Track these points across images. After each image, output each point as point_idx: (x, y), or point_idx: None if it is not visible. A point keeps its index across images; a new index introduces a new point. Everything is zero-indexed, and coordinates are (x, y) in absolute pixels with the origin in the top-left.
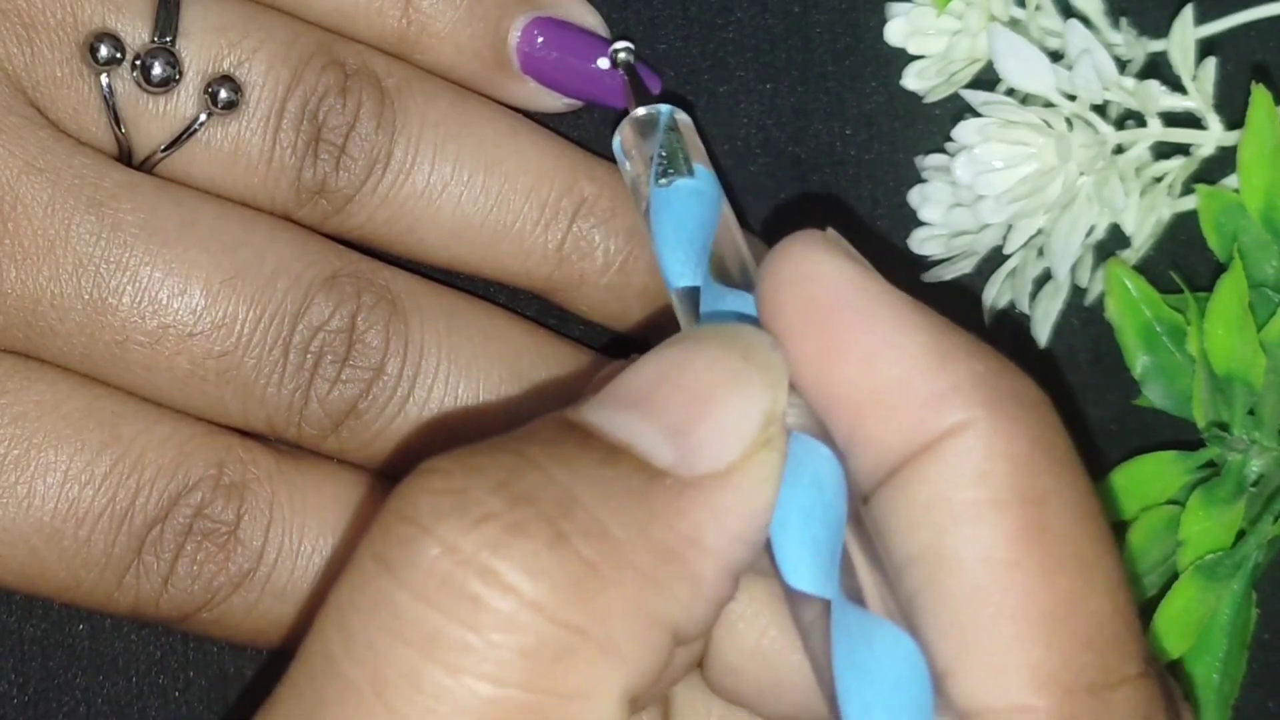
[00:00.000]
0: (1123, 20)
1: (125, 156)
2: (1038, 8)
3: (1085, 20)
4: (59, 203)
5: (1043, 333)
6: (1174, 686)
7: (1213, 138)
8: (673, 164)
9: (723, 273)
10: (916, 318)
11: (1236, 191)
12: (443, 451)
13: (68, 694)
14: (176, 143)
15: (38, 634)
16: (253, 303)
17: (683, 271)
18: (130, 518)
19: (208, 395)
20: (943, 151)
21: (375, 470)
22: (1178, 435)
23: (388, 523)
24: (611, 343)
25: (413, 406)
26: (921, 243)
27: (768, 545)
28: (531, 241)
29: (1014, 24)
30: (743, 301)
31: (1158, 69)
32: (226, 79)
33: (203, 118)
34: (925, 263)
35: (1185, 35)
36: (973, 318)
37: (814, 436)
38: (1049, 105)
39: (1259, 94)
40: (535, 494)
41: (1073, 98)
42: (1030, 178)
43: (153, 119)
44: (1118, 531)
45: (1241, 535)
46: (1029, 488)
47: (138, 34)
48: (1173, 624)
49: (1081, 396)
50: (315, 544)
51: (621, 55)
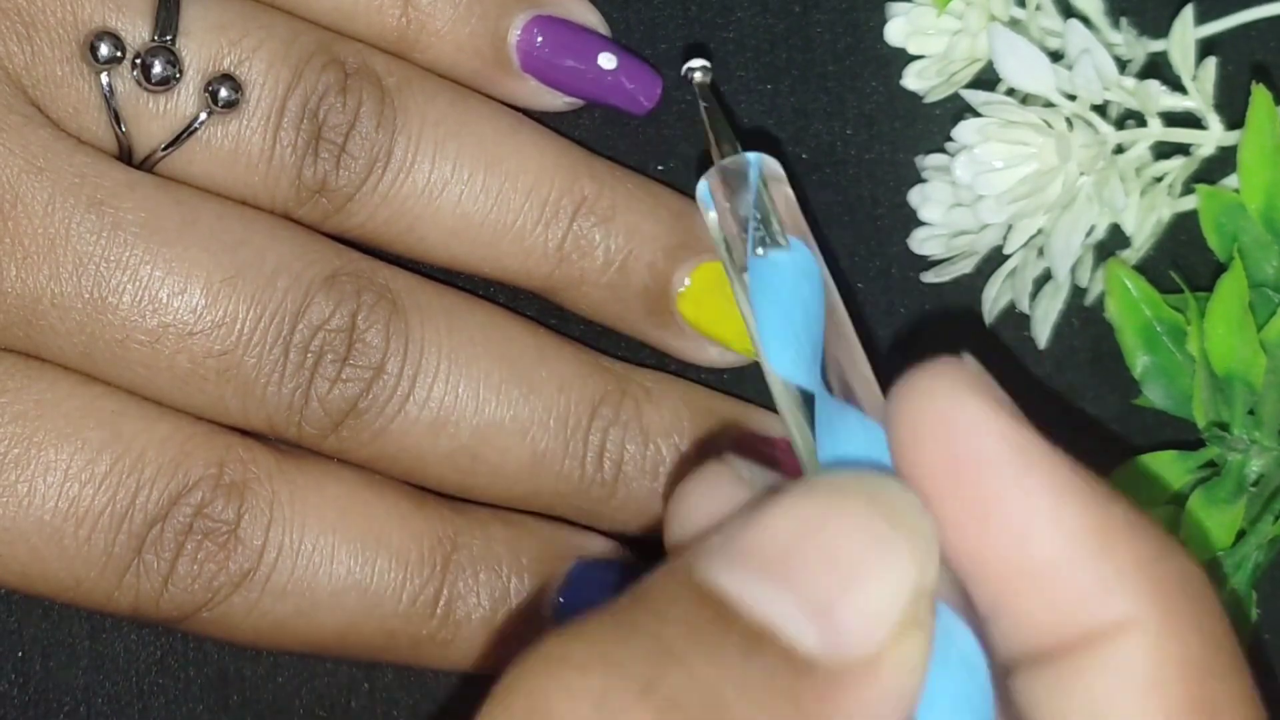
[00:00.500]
0: (1123, 20)
1: (125, 155)
2: (1038, 8)
3: (1085, 20)
4: (59, 201)
5: (1043, 333)
6: None
7: (1213, 138)
8: (769, 231)
9: (836, 377)
10: (1076, 483)
11: (1236, 191)
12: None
13: (68, 694)
14: (177, 141)
15: (38, 634)
16: (253, 302)
17: (792, 369)
18: (130, 517)
19: (208, 394)
20: (943, 151)
21: (375, 469)
22: (1178, 435)
23: (514, 715)
24: (611, 342)
25: (413, 406)
26: (921, 243)
27: None
28: (532, 240)
29: (1014, 24)
30: (868, 432)
31: (1158, 69)
32: (227, 78)
33: (203, 116)
34: (925, 263)
35: (1185, 35)
36: (973, 318)
37: (955, 604)
38: (1049, 105)
39: (1259, 94)
40: (683, 699)
41: (1073, 98)
42: (1030, 178)
43: (153, 118)
44: None
45: (1241, 535)
46: (1203, 697)
47: (138, 33)
48: None
49: (1081, 396)
50: (316, 543)
51: (698, 76)
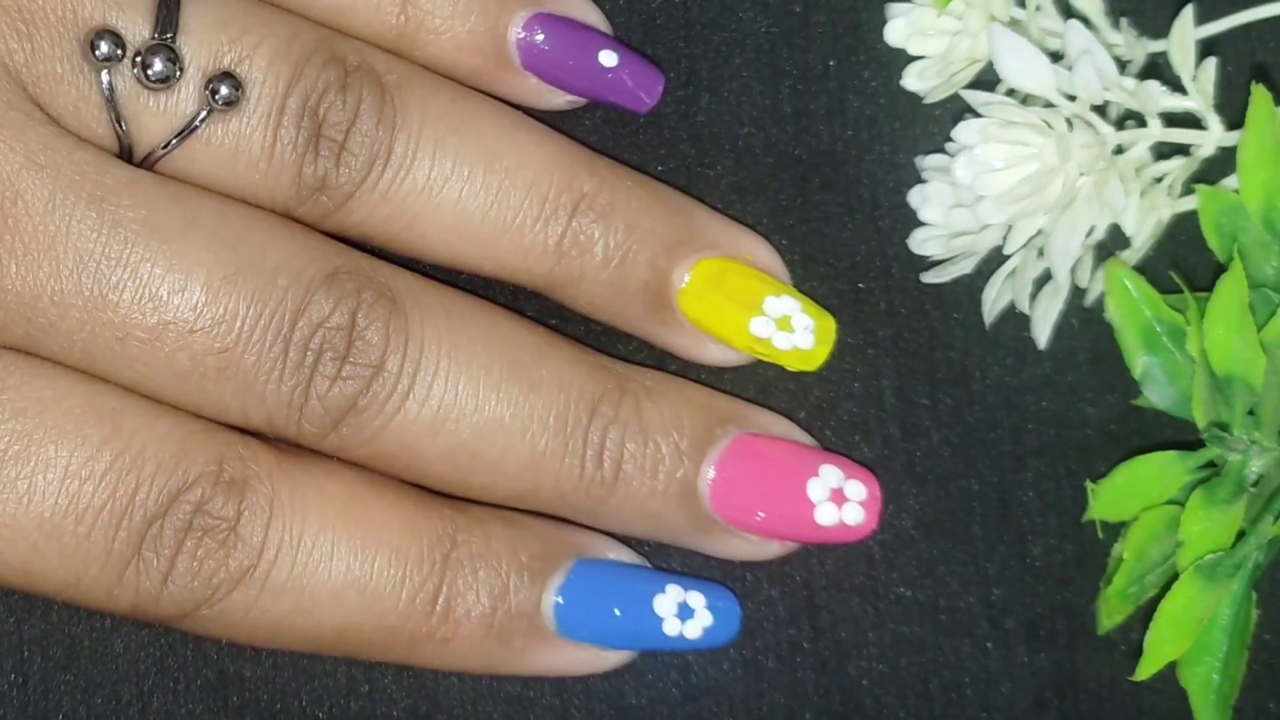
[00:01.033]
0: (1123, 20)
1: (126, 153)
2: (1038, 8)
3: (1085, 20)
4: (59, 199)
5: (1043, 333)
6: None
7: (1213, 138)
8: None
9: None
10: None
11: (1236, 191)
12: (442, 450)
13: (68, 694)
14: (177, 139)
15: (37, 633)
16: (253, 299)
17: None
18: (130, 514)
19: (208, 392)
20: (943, 152)
21: (375, 467)
22: (1178, 435)
23: None
24: (611, 342)
25: (413, 404)
26: (921, 243)
27: None
28: (531, 237)
29: (1014, 24)
30: None
31: (1158, 69)
32: (227, 76)
33: (203, 114)
34: (925, 263)
35: (1185, 35)
36: (973, 318)
37: None
38: (1049, 106)
39: (1259, 94)
40: None
41: (1073, 98)
42: (1030, 178)
43: (153, 116)
44: (1117, 532)
45: (1241, 535)
46: None
47: (138, 31)
48: (1173, 624)
49: (1081, 396)
50: (315, 541)
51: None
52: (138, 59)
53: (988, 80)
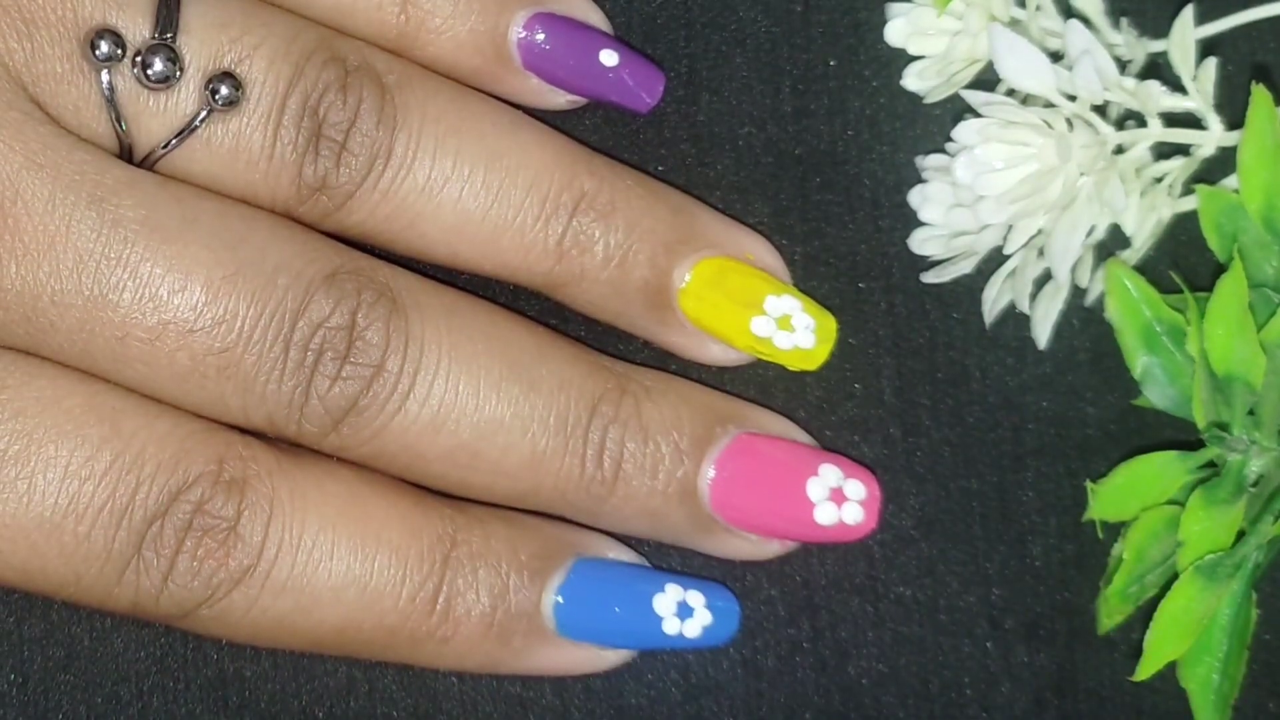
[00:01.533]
0: (1123, 20)
1: (126, 153)
2: (1038, 8)
3: (1085, 20)
4: (59, 199)
5: (1043, 333)
6: None
7: (1213, 138)
8: None
9: None
10: None
11: (1236, 191)
12: (442, 450)
13: (67, 693)
14: (177, 139)
15: (37, 633)
16: (253, 299)
17: None
18: (130, 513)
19: (208, 392)
20: (943, 152)
21: (375, 467)
22: (1178, 435)
23: None
24: (612, 342)
25: (413, 403)
26: (922, 243)
27: None
28: (532, 236)
29: (1014, 24)
30: None
31: (1158, 69)
32: (227, 75)
33: (203, 114)
34: (925, 263)
35: (1185, 35)
36: (973, 318)
37: None
38: (1049, 106)
39: (1259, 94)
40: None
41: (1073, 98)
42: (1030, 178)
43: (153, 116)
44: (1117, 532)
45: (1241, 535)
46: None
47: (138, 30)
48: (1173, 624)
49: (1081, 396)
50: (315, 540)
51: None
52: (138, 59)
53: (988, 80)
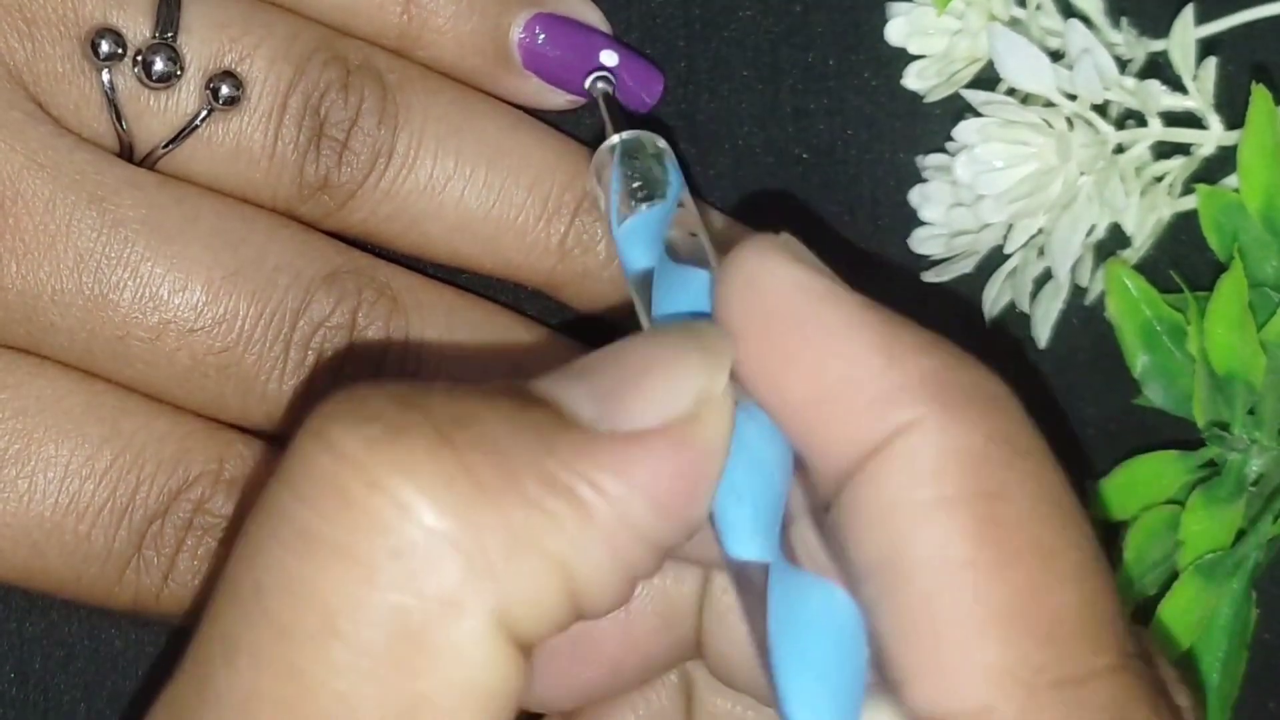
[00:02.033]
0: (1123, 20)
1: (126, 152)
2: (1038, 7)
3: (1085, 20)
4: (60, 198)
5: (1043, 333)
6: (1165, 674)
7: (1213, 138)
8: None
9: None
10: (864, 315)
11: (1236, 191)
12: None
13: (67, 692)
14: (178, 139)
15: (37, 632)
16: (254, 299)
17: (640, 259)
18: (131, 512)
19: (208, 391)
20: (943, 151)
21: None
22: (1178, 435)
23: (295, 437)
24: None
25: None
26: (922, 242)
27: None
28: (534, 236)
29: (1014, 24)
30: (699, 298)
31: (1158, 69)
32: (228, 75)
33: (204, 114)
34: (925, 263)
35: (1185, 35)
36: (973, 318)
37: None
38: (1049, 105)
39: (1259, 94)
40: (432, 405)
41: (1073, 97)
42: (1031, 177)
43: (154, 115)
44: (1117, 531)
45: (1241, 535)
46: (983, 483)
47: (139, 30)
48: (1172, 624)
49: (1081, 396)
50: None
51: (600, 86)
52: (139, 58)
53: (988, 80)
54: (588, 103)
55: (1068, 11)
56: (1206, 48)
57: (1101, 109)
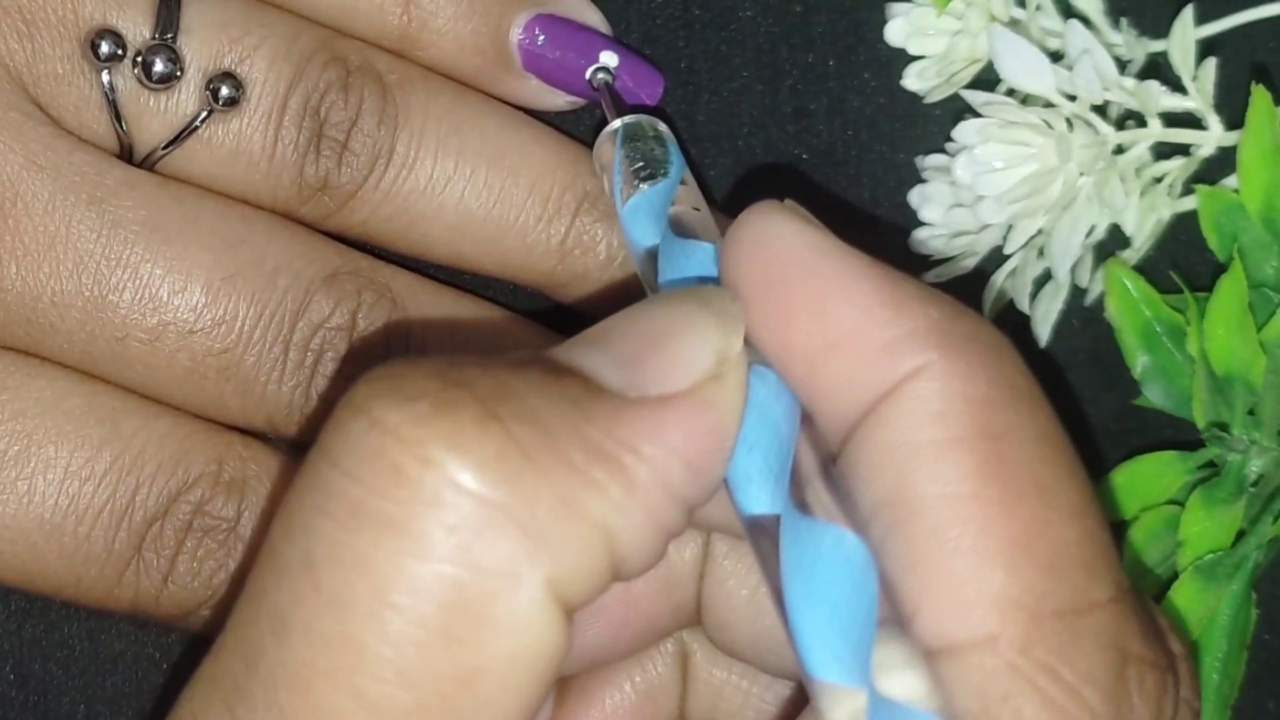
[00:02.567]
0: (1123, 20)
1: (126, 154)
2: (1038, 8)
3: (1085, 20)
4: (59, 199)
5: (1043, 333)
6: (1157, 614)
7: (1213, 138)
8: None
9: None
10: (869, 269)
11: (1236, 191)
12: None
13: (67, 694)
14: (178, 140)
15: (37, 633)
16: (253, 300)
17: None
18: (130, 514)
19: (208, 392)
20: (943, 151)
21: None
22: (1178, 435)
23: (333, 415)
24: None
25: None
26: (922, 243)
27: (727, 486)
28: (535, 236)
29: (1014, 24)
30: (705, 269)
31: (1158, 69)
32: (228, 76)
33: (204, 114)
34: (925, 263)
35: (1185, 35)
36: None
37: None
38: (1049, 105)
39: (1259, 94)
40: (472, 380)
41: (1073, 98)
42: (1030, 178)
43: (154, 116)
44: (1118, 531)
45: (1241, 535)
46: (987, 424)
47: (139, 31)
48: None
49: (1081, 396)
50: None
51: (600, 76)
52: (138, 59)
53: (988, 80)
54: (588, 103)
55: (1068, 12)
56: (1206, 48)
57: (1101, 110)
